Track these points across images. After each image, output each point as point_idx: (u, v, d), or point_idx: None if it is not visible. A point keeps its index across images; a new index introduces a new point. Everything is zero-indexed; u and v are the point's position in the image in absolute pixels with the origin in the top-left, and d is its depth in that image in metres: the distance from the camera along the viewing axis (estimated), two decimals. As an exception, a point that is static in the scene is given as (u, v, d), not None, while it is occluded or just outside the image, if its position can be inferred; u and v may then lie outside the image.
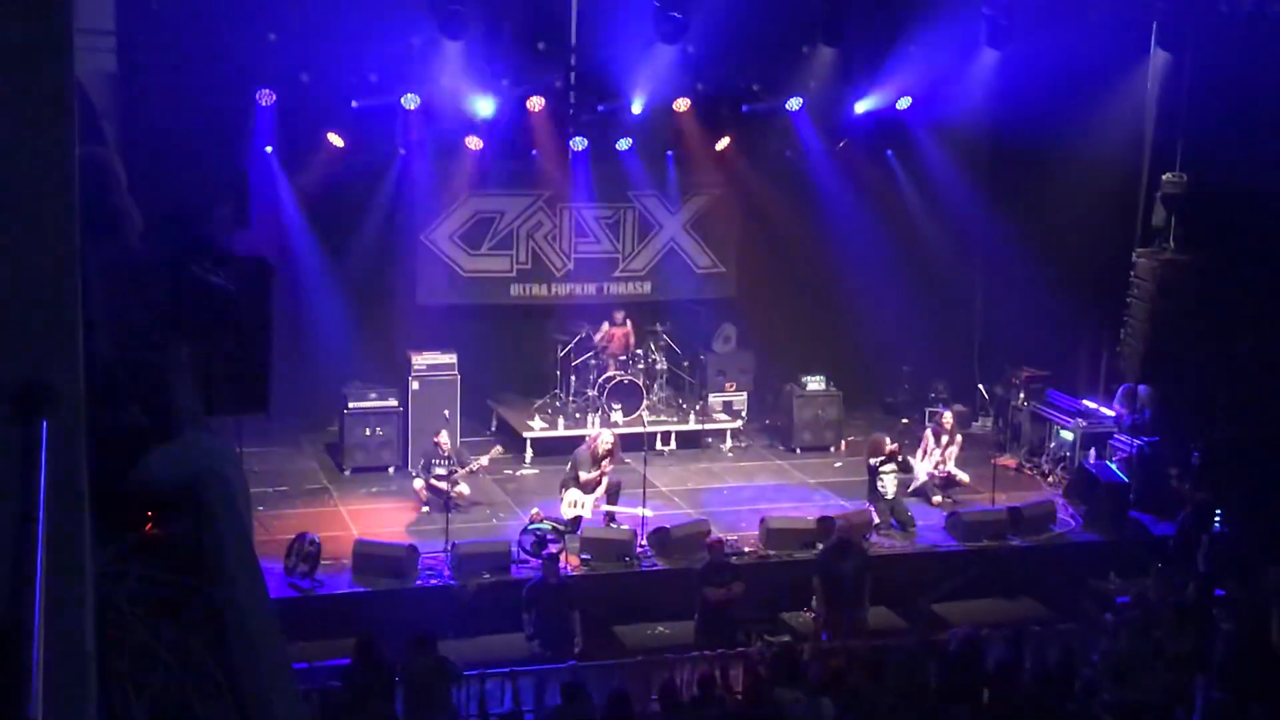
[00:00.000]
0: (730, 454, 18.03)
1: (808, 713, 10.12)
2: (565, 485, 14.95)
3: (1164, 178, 16.10)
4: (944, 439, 16.56)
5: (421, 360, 16.92)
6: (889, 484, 15.49)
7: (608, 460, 15.06)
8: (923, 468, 16.40)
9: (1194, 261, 15.90)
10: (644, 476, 14.99)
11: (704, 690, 11.09)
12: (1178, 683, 10.84)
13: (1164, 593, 13.14)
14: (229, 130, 15.65)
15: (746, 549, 14.44)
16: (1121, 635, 11.98)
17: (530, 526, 14.15)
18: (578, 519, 14.72)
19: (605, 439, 15.23)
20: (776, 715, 10.18)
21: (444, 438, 15.54)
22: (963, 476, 16.47)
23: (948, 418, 16.85)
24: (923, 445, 16.67)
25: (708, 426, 18.19)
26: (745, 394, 18.71)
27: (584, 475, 14.87)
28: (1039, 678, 11.19)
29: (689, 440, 18.02)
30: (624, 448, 16.46)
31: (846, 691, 10.64)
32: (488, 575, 13.54)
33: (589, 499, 14.81)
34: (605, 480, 14.96)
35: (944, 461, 16.47)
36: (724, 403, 18.52)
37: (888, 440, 15.86)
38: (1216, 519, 14.69)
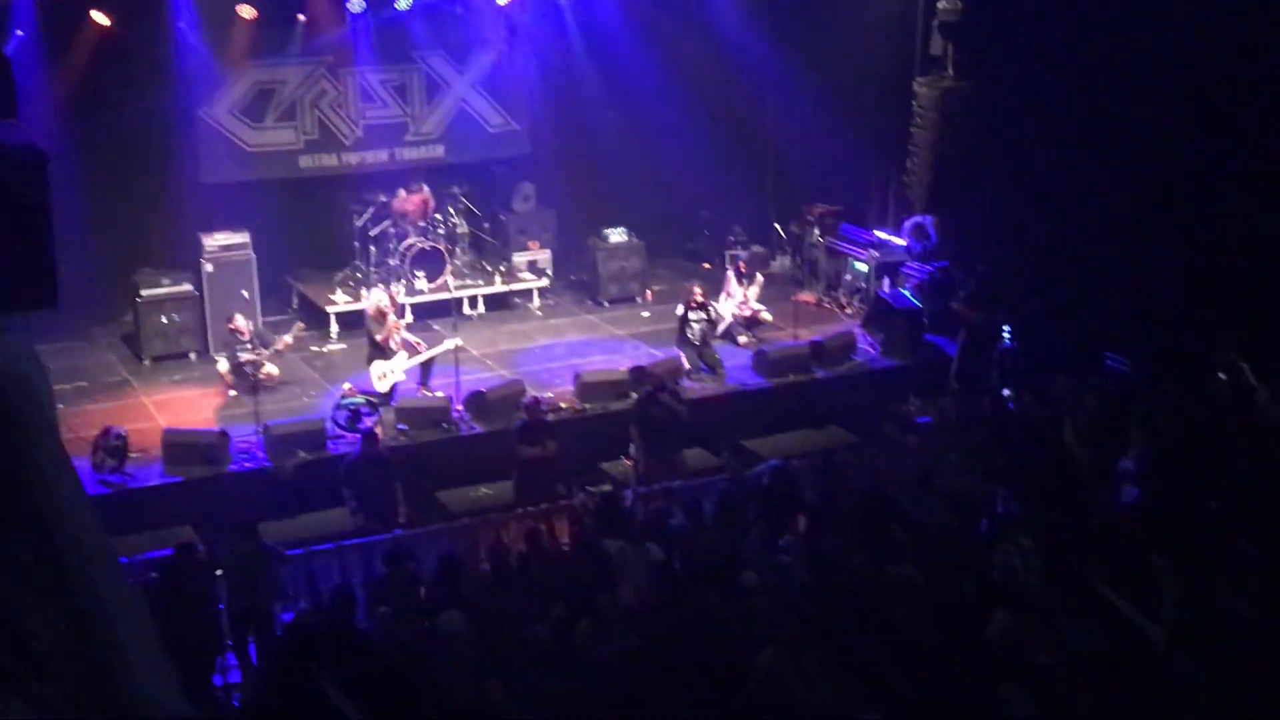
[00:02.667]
0: (539, 312, 18.09)
1: (634, 558, 10.37)
2: (370, 360, 14.84)
3: (939, 5, 16.39)
4: (745, 280, 16.88)
5: (213, 241, 16.51)
6: (696, 330, 15.77)
7: (389, 317, 14.95)
8: (727, 309, 16.72)
9: (973, 88, 16.31)
10: (453, 351, 14.95)
11: (532, 545, 11.27)
12: (979, 493, 11.37)
13: (961, 409, 13.74)
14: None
15: (563, 405, 14.60)
16: (924, 453, 12.51)
17: (343, 402, 14.05)
18: (393, 387, 14.67)
19: (374, 298, 15.14)
20: (604, 563, 10.41)
21: (239, 321, 15.24)
22: (765, 315, 16.84)
23: (746, 260, 17.17)
24: (725, 288, 16.96)
25: (514, 287, 18.18)
26: (549, 251, 18.71)
27: (379, 337, 14.73)
28: (851, 502, 11.65)
29: (497, 302, 18.01)
30: (431, 315, 16.40)
31: (670, 533, 10.94)
32: (304, 454, 13.43)
33: (396, 364, 14.71)
34: (401, 336, 14.85)
35: (746, 302, 16.81)
36: (528, 262, 18.51)
37: (697, 290, 16.09)
38: (1005, 334, 15.37)
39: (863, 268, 17.83)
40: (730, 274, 17.11)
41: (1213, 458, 11.31)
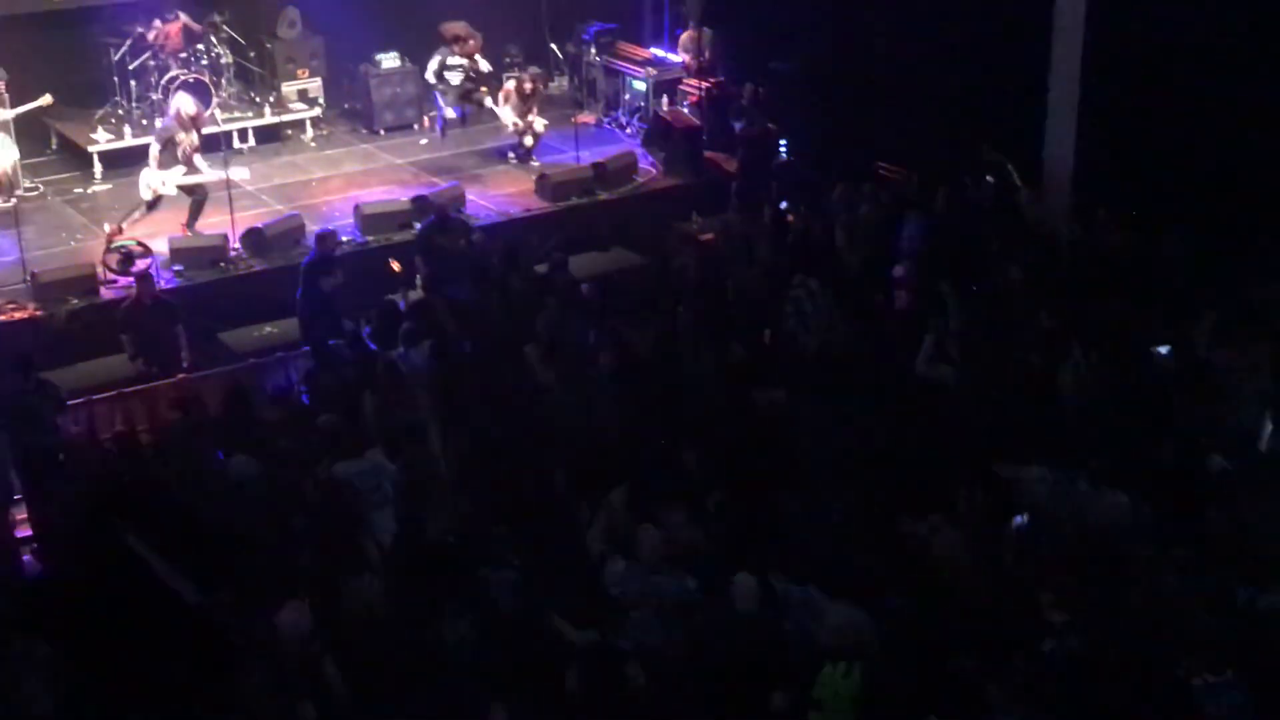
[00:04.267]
0: (313, 144, 17.61)
1: (419, 367, 10.54)
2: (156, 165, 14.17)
3: None
4: (527, 99, 16.65)
5: (-41, 82, 15.60)
6: (454, 77, 15.56)
7: (199, 117, 14.38)
8: (506, 114, 16.54)
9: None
10: (227, 179, 14.48)
11: (312, 386, 11.22)
12: (771, 301, 11.68)
13: (743, 224, 14.01)
14: None
15: (344, 239, 14.37)
16: (708, 270, 12.75)
17: (113, 244, 13.59)
18: (157, 198, 14.12)
19: (180, 101, 14.38)
20: (392, 373, 10.51)
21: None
22: (539, 126, 16.68)
23: (528, 82, 16.83)
24: (503, 94, 16.75)
25: (285, 118, 17.62)
26: (319, 80, 18.10)
27: (177, 139, 14.05)
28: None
29: (268, 134, 17.45)
30: (200, 149, 15.82)
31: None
32: (76, 301, 13.00)
33: (170, 175, 14.11)
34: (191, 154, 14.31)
35: (531, 124, 16.63)
36: (299, 91, 17.88)
37: (460, 27, 15.68)
38: (782, 148, 15.63)
39: (641, 86, 17.81)
40: (510, 85, 16.82)
41: (978, 258, 11.87)
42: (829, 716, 6.73)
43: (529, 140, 16.62)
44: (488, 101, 16.57)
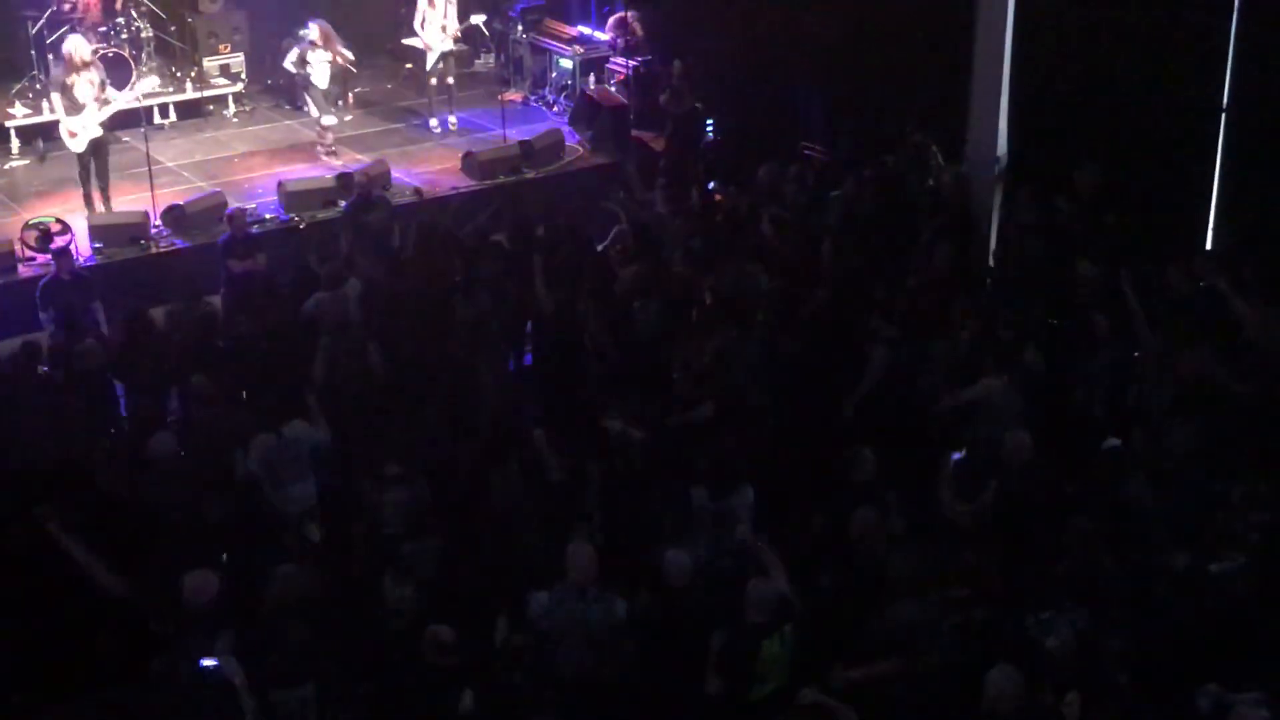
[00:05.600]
0: (236, 119, 17.41)
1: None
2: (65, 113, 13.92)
3: None
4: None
5: None
6: (319, 72, 15.48)
7: (94, 60, 14.12)
8: (432, 36, 16.56)
9: None
10: (147, 155, 14.27)
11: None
12: (691, 280, 11.72)
13: (671, 203, 14.03)
14: None
15: (268, 216, 14.24)
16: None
17: (32, 221, 13.36)
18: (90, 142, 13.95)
19: (73, 44, 14.07)
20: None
21: None
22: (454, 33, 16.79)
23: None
24: (418, 18, 16.73)
25: (207, 93, 17.39)
26: (242, 55, 17.86)
27: (68, 82, 13.79)
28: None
29: (190, 110, 17.22)
30: (121, 125, 15.56)
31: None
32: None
33: (89, 116, 13.87)
34: (99, 79, 13.99)
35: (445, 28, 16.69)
36: (221, 66, 17.63)
37: (317, 30, 15.73)
38: (709, 128, 15.63)
39: (568, 64, 17.76)
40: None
41: (901, 238, 12.00)
42: (768, 684, 7.07)
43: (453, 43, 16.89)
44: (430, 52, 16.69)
